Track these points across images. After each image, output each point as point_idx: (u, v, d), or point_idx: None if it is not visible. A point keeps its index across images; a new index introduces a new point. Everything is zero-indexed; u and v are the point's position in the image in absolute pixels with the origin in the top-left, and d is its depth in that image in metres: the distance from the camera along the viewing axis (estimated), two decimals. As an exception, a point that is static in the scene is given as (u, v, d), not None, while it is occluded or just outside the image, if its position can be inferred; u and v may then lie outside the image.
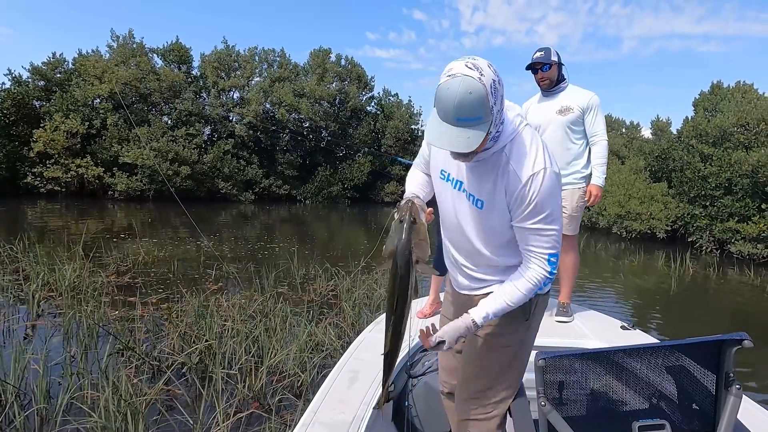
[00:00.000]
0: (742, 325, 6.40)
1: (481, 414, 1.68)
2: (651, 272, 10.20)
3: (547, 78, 3.31)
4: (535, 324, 1.68)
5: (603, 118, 3.36)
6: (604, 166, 3.35)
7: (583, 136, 3.36)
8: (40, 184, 22.32)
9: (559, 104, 3.32)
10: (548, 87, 3.35)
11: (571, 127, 3.31)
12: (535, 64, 3.30)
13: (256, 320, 4.57)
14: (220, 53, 29.15)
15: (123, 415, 2.83)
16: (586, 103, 3.30)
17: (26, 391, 3.26)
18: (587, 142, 3.38)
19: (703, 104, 19.25)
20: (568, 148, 3.34)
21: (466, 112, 1.26)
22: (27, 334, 4.45)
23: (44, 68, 24.40)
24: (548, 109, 3.35)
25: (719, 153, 13.51)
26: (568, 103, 3.30)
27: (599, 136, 3.33)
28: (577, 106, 3.28)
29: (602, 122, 3.35)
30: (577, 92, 3.34)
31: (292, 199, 29.52)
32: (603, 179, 3.36)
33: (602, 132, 3.34)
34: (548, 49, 3.30)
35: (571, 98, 3.31)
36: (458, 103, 1.25)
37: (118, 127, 23.48)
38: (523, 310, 1.60)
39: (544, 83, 3.34)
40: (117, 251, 8.35)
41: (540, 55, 3.29)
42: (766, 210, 11.90)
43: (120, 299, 5.54)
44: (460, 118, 1.27)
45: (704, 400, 1.47)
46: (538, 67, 3.30)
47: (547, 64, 3.27)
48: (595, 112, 3.31)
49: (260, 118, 27.25)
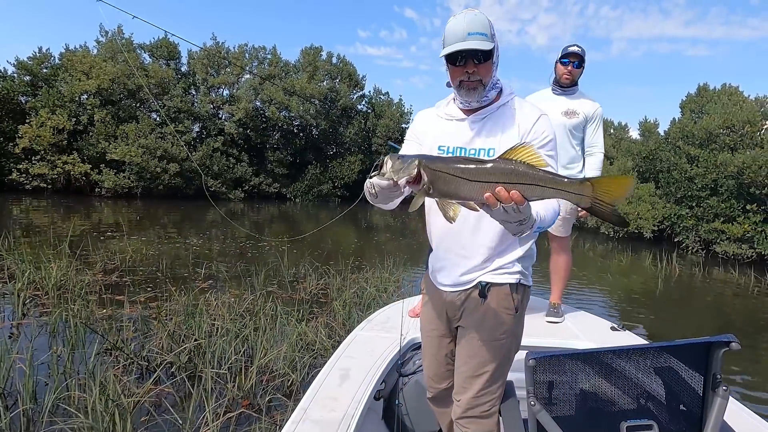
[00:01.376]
0: (726, 324, 6.50)
1: (482, 411, 1.70)
2: (638, 272, 10.31)
3: (573, 75, 3.31)
4: (522, 316, 1.72)
5: (602, 131, 3.40)
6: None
7: (580, 143, 3.40)
8: (26, 181, 22.00)
9: (567, 106, 3.34)
10: (568, 84, 3.34)
11: (572, 131, 3.34)
12: (574, 54, 3.26)
13: (245, 319, 4.55)
14: (210, 50, 28.93)
15: (111, 415, 2.80)
16: (592, 113, 3.33)
17: (11, 392, 3.22)
18: (584, 150, 3.41)
19: (689, 106, 19.49)
20: (566, 150, 3.35)
21: (475, 27, 1.46)
22: (12, 333, 4.38)
23: (30, 63, 24.03)
24: (554, 108, 3.34)
25: (705, 154, 13.70)
26: (575, 108, 3.32)
27: (597, 148, 3.38)
28: (583, 112, 3.32)
29: (602, 135, 3.39)
30: (585, 99, 3.37)
31: (282, 197, 29.40)
32: None
33: (600, 144, 3.39)
34: (584, 50, 3.30)
35: (579, 104, 3.34)
36: (468, 21, 1.46)
37: (105, 123, 23.21)
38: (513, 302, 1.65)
39: (567, 79, 3.32)
40: (104, 249, 8.25)
41: (578, 49, 3.26)
42: (750, 211, 12.09)
43: (108, 298, 5.48)
44: (471, 32, 1.45)
45: (691, 401, 1.49)
46: (573, 60, 3.27)
47: (582, 60, 3.27)
48: (598, 123, 3.35)
49: (251, 116, 27.09)
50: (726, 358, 1.43)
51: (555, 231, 3.45)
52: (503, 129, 1.58)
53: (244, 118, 27.45)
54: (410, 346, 2.59)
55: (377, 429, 2.28)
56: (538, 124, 1.56)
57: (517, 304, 1.66)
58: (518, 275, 1.67)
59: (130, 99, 24.97)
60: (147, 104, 25.66)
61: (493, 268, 1.65)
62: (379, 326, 2.85)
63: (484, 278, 1.65)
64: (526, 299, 1.71)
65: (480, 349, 1.68)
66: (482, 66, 1.51)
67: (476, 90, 1.55)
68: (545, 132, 1.56)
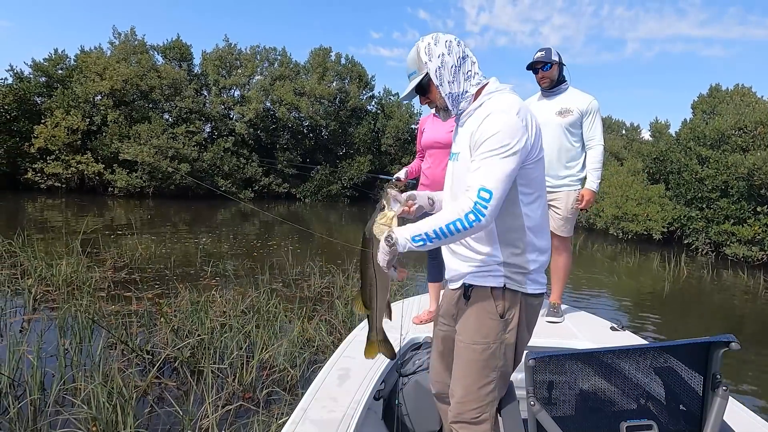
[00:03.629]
0: (734, 326, 6.46)
1: (471, 417, 1.66)
2: (646, 273, 10.24)
3: (548, 78, 3.32)
4: (515, 324, 1.64)
5: (601, 123, 3.36)
6: (599, 171, 3.35)
7: (580, 139, 3.37)
8: (41, 180, 22.35)
9: (559, 106, 3.33)
10: (548, 87, 3.36)
11: (569, 129, 3.32)
12: (536, 63, 3.31)
13: (248, 316, 4.63)
14: (222, 51, 29.20)
15: (114, 406, 2.89)
16: (586, 106, 3.30)
17: (20, 382, 3.33)
18: (584, 145, 3.39)
19: (701, 107, 19.28)
20: (565, 150, 3.35)
21: (409, 67, 1.67)
22: (23, 327, 4.51)
23: (45, 64, 24.43)
24: (547, 110, 3.35)
25: (716, 156, 13.54)
26: (567, 105, 3.31)
27: (596, 141, 3.34)
28: (577, 108, 3.29)
29: (600, 127, 3.35)
30: (577, 95, 3.35)
31: (292, 197, 29.55)
32: (597, 184, 3.36)
33: (599, 137, 3.35)
34: (549, 49, 3.31)
35: (571, 100, 3.32)
36: (407, 62, 1.68)
37: (118, 123, 23.54)
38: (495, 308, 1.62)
39: (545, 83, 3.35)
40: (115, 247, 8.40)
41: (540, 55, 3.30)
42: (761, 213, 11.95)
43: (116, 294, 5.60)
44: (408, 74, 1.68)
45: (691, 401, 1.48)
46: (538, 67, 3.32)
47: (547, 63, 3.28)
48: (594, 116, 3.32)
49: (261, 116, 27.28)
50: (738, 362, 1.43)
51: (558, 231, 3.42)
52: (465, 134, 1.63)
53: (255, 119, 27.63)
54: (410, 346, 2.60)
55: (377, 429, 2.29)
56: (482, 127, 1.53)
57: (502, 310, 1.61)
58: (502, 279, 1.62)
59: (142, 100, 25.28)
60: (159, 105, 25.96)
61: (476, 269, 1.65)
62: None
63: (467, 279, 1.67)
64: (516, 305, 1.63)
65: (462, 351, 1.68)
66: (428, 96, 1.68)
67: (439, 110, 1.71)
68: (484, 133, 1.50)
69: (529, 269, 1.64)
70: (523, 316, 1.66)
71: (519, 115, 1.52)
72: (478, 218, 1.42)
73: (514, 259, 1.62)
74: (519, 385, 1.62)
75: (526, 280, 1.64)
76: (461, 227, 1.43)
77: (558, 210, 3.40)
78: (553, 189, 3.38)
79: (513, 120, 1.50)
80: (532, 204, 1.61)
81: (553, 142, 3.31)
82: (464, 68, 1.62)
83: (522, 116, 1.52)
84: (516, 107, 1.53)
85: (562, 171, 3.36)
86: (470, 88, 1.63)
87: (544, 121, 3.34)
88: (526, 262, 1.63)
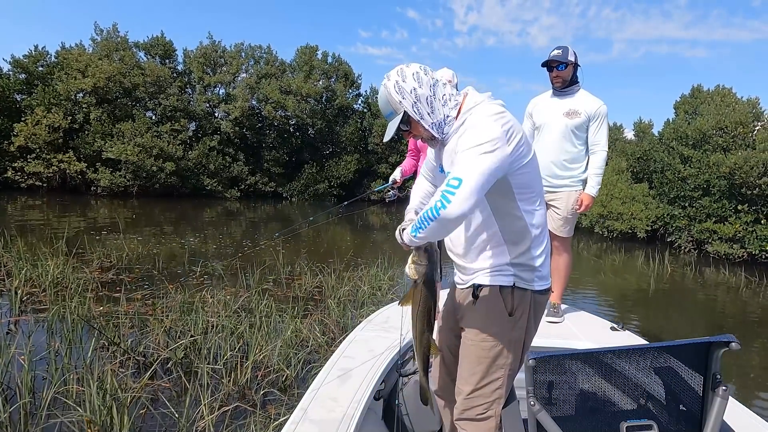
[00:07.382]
0: (717, 323, 6.59)
1: (477, 414, 1.68)
2: (631, 271, 10.40)
3: (561, 77, 3.30)
4: (524, 322, 1.67)
5: (607, 128, 3.37)
6: (600, 177, 3.35)
7: (584, 142, 3.37)
8: (21, 179, 21.93)
9: (568, 106, 3.32)
10: (561, 86, 3.34)
11: (575, 131, 3.32)
12: (551, 61, 3.28)
13: (241, 316, 4.61)
14: (206, 48, 28.89)
15: (108, 408, 2.86)
16: (595, 111, 3.29)
17: (10, 386, 3.26)
18: (587, 148, 3.39)
19: (683, 107, 19.63)
20: (568, 151, 3.35)
21: (384, 110, 1.67)
22: (10, 330, 4.42)
23: (25, 61, 23.94)
24: (556, 109, 3.35)
25: (698, 155, 13.80)
26: (576, 107, 3.29)
27: (600, 146, 3.34)
28: (585, 111, 3.28)
29: (605, 133, 3.35)
30: (587, 98, 3.33)
31: (278, 196, 29.39)
32: (597, 190, 3.36)
33: (604, 143, 3.34)
34: (566, 48, 3.28)
35: (581, 103, 3.30)
36: (380, 106, 1.69)
37: (101, 121, 23.16)
38: (505, 306, 1.64)
39: (557, 82, 3.33)
40: (101, 248, 8.27)
41: (557, 53, 3.27)
42: (741, 211, 12.21)
43: (104, 295, 5.52)
44: (385, 116, 1.67)
45: (691, 401, 1.48)
46: (554, 65, 3.28)
47: (563, 63, 3.26)
48: (601, 121, 3.31)
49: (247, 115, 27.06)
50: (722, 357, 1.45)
51: (558, 231, 3.42)
52: (451, 152, 1.63)
53: (240, 117, 27.43)
54: (410, 346, 2.60)
55: (377, 429, 2.28)
56: (461, 139, 1.56)
57: (511, 308, 1.64)
58: (512, 277, 1.65)
59: (126, 98, 24.90)
60: (143, 103, 25.60)
61: (485, 269, 1.68)
62: (379, 326, 2.87)
63: (477, 279, 1.70)
64: (526, 303, 1.66)
65: (470, 350, 1.70)
66: (411, 130, 1.67)
67: (426, 141, 1.72)
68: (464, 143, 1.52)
69: (536, 265, 1.67)
70: (531, 314, 1.69)
71: (498, 121, 1.51)
72: (443, 205, 1.41)
73: (521, 258, 1.66)
74: (519, 385, 1.62)
75: (534, 277, 1.67)
76: (432, 215, 1.44)
77: (558, 210, 3.40)
78: (554, 189, 3.38)
79: (491, 125, 1.50)
80: (531, 204, 1.65)
81: (557, 142, 3.32)
82: (438, 95, 1.61)
83: (502, 122, 1.51)
84: (495, 115, 1.53)
85: (564, 171, 3.36)
86: (450, 112, 1.63)
87: (550, 119, 3.34)
88: (532, 259, 1.66)
